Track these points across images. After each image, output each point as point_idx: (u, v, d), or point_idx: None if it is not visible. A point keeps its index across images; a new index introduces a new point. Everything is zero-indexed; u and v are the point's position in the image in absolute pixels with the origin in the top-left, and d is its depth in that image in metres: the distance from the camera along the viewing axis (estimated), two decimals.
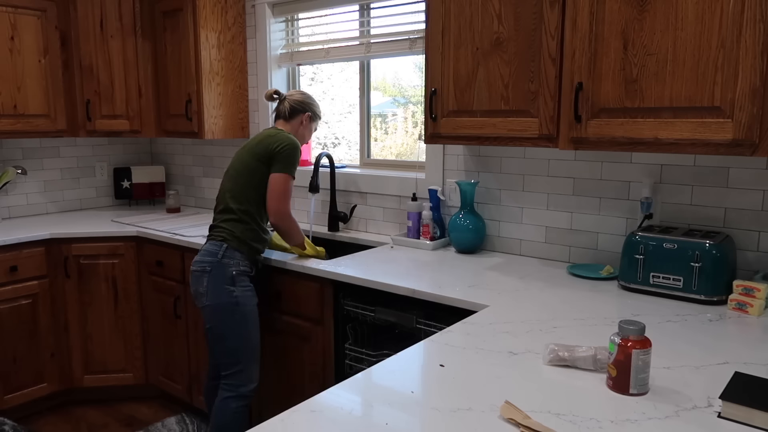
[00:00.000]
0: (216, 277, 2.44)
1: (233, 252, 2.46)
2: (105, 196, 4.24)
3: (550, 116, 2.12)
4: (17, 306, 3.19)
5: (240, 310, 2.45)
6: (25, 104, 3.44)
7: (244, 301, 2.46)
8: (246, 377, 2.48)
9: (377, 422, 1.24)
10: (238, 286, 2.45)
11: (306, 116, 2.71)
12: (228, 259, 2.45)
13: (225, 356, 2.48)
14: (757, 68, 1.68)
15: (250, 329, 2.48)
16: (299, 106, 2.70)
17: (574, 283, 2.26)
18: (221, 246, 2.46)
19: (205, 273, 2.45)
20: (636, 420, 1.23)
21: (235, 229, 2.49)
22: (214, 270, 2.44)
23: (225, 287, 2.43)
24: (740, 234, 2.14)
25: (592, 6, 1.95)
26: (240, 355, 2.47)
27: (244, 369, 2.47)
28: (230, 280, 2.44)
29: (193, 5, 3.38)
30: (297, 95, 2.74)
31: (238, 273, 2.46)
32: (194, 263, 2.50)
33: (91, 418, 3.38)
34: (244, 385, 2.47)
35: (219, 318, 2.44)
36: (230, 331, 2.45)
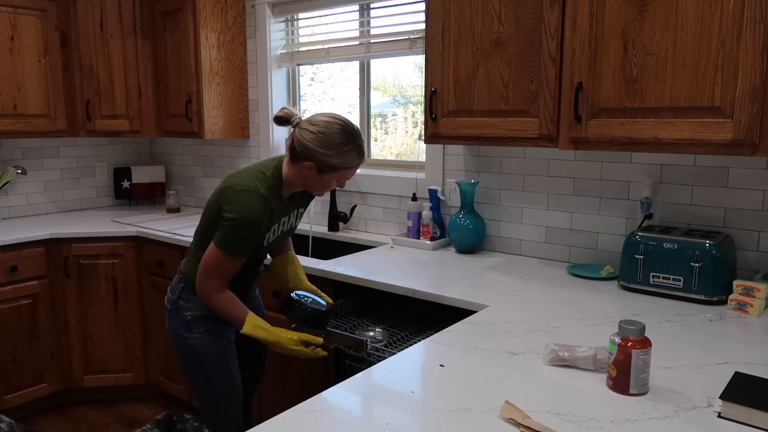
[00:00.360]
0: (172, 319, 2.13)
1: (189, 294, 2.07)
2: (105, 196, 4.24)
3: (550, 116, 2.12)
4: (17, 306, 3.19)
5: (197, 358, 2.08)
6: (25, 104, 3.44)
7: (200, 348, 2.06)
8: (221, 422, 2.16)
9: (377, 422, 1.24)
10: (194, 332, 2.06)
11: (307, 166, 1.89)
12: (184, 302, 2.08)
13: (198, 399, 2.22)
14: (757, 68, 1.68)
15: (213, 376, 2.10)
16: (302, 150, 1.87)
17: (574, 283, 2.26)
18: (179, 285, 2.11)
19: (167, 310, 2.17)
20: (636, 420, 1.23)
21: (190, 271, 2.06)
22: (172, 311, 2.13)
23: (180, 332, 2.09)
24: (740, 234, 2.14)
25: (592, 6, 1.95)
26: (207, 402, 2.16)
27: (218, 412, 2.15)
28: (185, 325, 2.07)
29: (193, 5, 3.38)
30: (307, 131, 1.87)
31: (194, 318, 2.06)
32: None
33: (91, 418, 3.38)
34: (222, 429, 2.16)
35: (180, 359, 2.17)
36: (192, 376, 2.16)
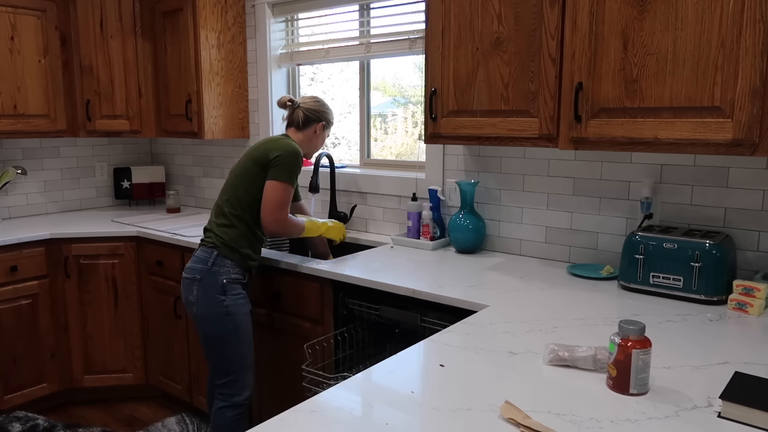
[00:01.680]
0: (206, 286, 2.37)
1: (223, 260, 2.39)
2: (105, 196, 4.24)
3: (550, 116, 2.12)
4: (17, 306, 3.19)
5: (231, 319, 2.38)
6: (25, 104, 3.44)
7: (235, 309, 2.39)
8: (239, 386, 2.43)
9: (377, 422, 1.24)
10: (228, 294, 2.38)
11: (320, 125, 2.63)
12: (218, 267, 2.38)
13: (217, 365, 2.44)
14: (757, 68, 1.68)
15: (242, 338, 2.41)
16: (314, 115, 2.61)
17: (574, 283, 2.26)
18: (212, 253, 2.40)
19: (195, 281, 2.39)
20: (636, 420, 1.23)
21: (226, 236, 2.41)
22: (205, 278, 2.38)
23: (215, 296, 2.37)
24: (740, 234, 2.14)
25: (592, 6, 1.95)
26: (232, 364, 2.41)
27: (237, 379, 2.42)
28: (221, 288, 2.37)
29: (192, 5, 3.38)
30: (311, 102, 2.64)
31: (229, 281, 2.39)
32: (185, 270, 2.45)
33: (91, 418, 3.38)
34: (238, 394, 2.43)
35: (209, 327, 2.39)
36: (221, 340, 2.39)
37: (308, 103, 2.62)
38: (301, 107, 2.61)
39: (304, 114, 2.60)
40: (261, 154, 2.43)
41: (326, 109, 2.67)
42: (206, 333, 2.41)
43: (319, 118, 2.62)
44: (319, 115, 2.62)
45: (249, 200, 2.44)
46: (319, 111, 2.62)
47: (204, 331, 2.42)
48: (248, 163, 2.46)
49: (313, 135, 2.63)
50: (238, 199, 2.45)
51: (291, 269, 2.57)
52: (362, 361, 2.49)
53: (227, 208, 2.45)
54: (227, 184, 2.51)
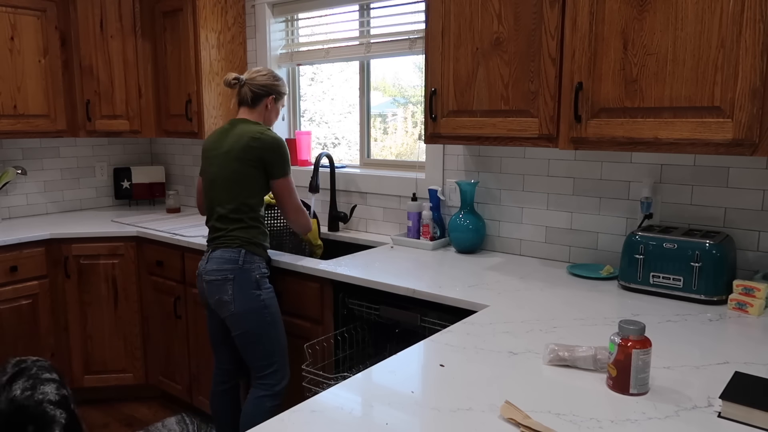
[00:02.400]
0: (241, 283, 2.39)
1: (252, 256, 2.43)
2: (105, 197, 4.24)
3: (550, 116, 2.12)
4: (17, 306, 3.19)
5: (269, 311, 2.44)
6: (25, 104, 3.44)
7: (270, 302, 2.45)
8: (281, 375, 2.48)
9: (377, 422, 1.24)
10: (263, 288, 2.43)
11: (270, 99, 2.54)
12: (249, 264, 2.41)
13: (260, 359, 2.45)
14: (757, 68, 1.68)
15: (279, 328, 2.48)
16: (262, 90, 2.51)
17: (574, 283, 2.26)
18: (240, 252, 2.41)
19: (228, 281, 2.39)
20: (636, 420, 1.23)
21: (249, 235, 2.44)
22: (238, 276, 2.39)
23: (252, 292, 2.40)
24: (740, 234, 2.14)
25: (592, 6, 1.95)
26: (275, 355, 2.46)
27: (279, 368, 2.48)
28: (255, 284, 2.41)
29: (192, 5, 3.38)
30: (258, 77, 2.52)
31: (261, 276, 2.44)
32: (209, 272, 2.42)
33: (91, 418, 3.38)
34: (279, 382, 2.47)
35: (250, 323, 2.41)
36: (263, 333, 2.43)
37: (255, 78, 2.52)
38: (248, 84, 2.52)
39: (251, 91, 2.51)
40: (255, 157, 2.42)
41: (275, 81, 2.56)
42: (247, 329, 2.42)
43: (268, 92, 2.53)
44: (267, 89, 2.53)
45: (255, 201, 2.48)
46: (266, 85, 2.53)
47: (244, 327, 2.42)
48: (239, 166, 2.43)
49: (265, 110, 2.56)
50: (248, 204, 2.46)
51: (291, 269, 2.57)
52: (362, 361, 2.49)
53: (236, 214, 2.45)
54: (225, 191, 2.47)
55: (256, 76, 2.53)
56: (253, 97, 2.52)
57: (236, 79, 2.52)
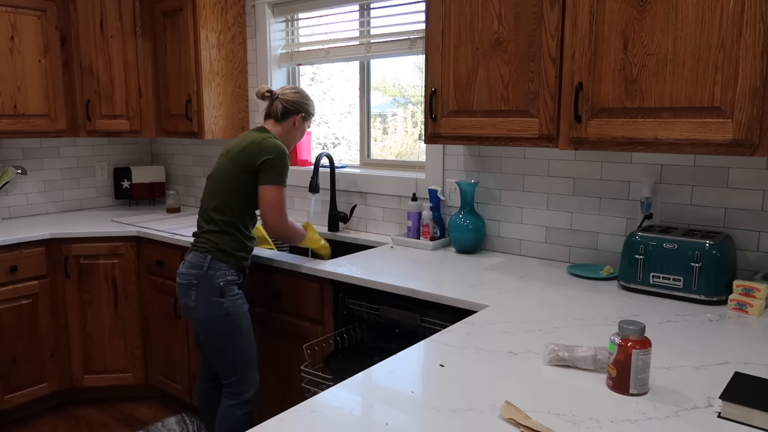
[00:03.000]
0: (204, 290, 2.37)
1: (218, 263, 2.38)
2: (105, 196, 4.24)
3: (550, 116, 2.12)
4: (17, 306, 3.19)
5: (232, 320, 2.39)
6: (25, 104, 3.44)
7: (234, 310, 2.40)
8: (246, 384, 2.45)
9: (377, 422, 1.24)
10: (227, 296, 2.38)
11: (299, 117, 2.57)
12: (214, 271, 2.37)
13: (223, 366, 2.45)
14: (757, 68, 1.68)
15: (244, 337, 2.43)
16: (293, 106, 2.55)
17: (574, 283, 2.26)
18: (205, 257, 2.38)
19: (192, 286, 2.39)
20: (636, 420, 1.23)
21: (219, 241, 2.40)
22: (201, 283, 2.37)
23: (214, 299, 2.37)
24: (740, 234, 2.14)
25: (592, 6, 1.95)
26: (237, 363, 2.43)
27: (243, 376, 2.45)
28: (218, 291, 2.37)
29: (193, 5, 3.38)
30: (290, 94, 2.57)
31: (226, 283, 2.39)
32: (180, 275, 2.44)
33: (91, 418, 3.38)
34: (246, 391, 2.45)
35: (211, 330, 2.40)
36: (224, 342, 2.41)
37: (287, 95, 2.56)
38: (280, 98, 2.55)
39: (282, 106, 2.54)
40: (247, 159, 2.40)
41: (306, 100, 2.60)
42: (208, 336, 2.42)
43: (299, 110, 2.56)
44: (298, 106, 2.56)
45: (240, 207, 2.44)
46: (298, 102, 2.56)
47: (206, 334, 2.42)
48: (236, 169, 2.42)
49: (292, 127, 2.58)
50: (228, 205, 2.43)
51: (290, 269, 2.57)
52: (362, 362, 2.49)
53: (216, 215, 2.43)
54: (213, 189, 2.48)
55: (288, 92, 2.57)
56: (283, 112, 2.54)
57: (269, 92, 2.56)
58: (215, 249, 2.40)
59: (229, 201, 2.42)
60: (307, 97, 2.63)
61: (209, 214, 2.45)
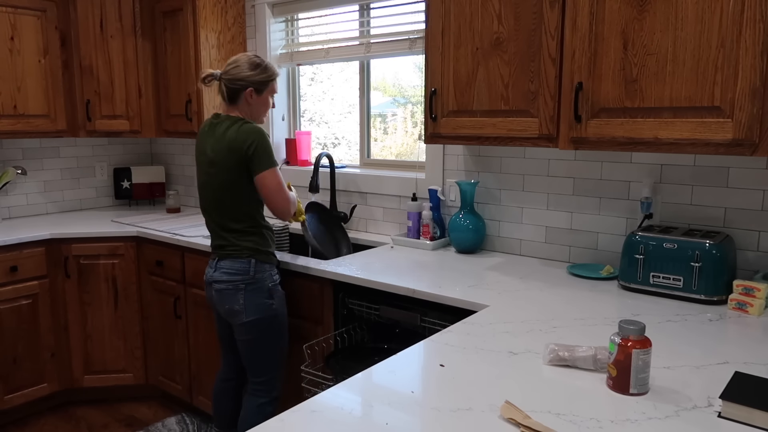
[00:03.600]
0: (254, 293, 2.36)
1: (263, 265, 2.37)
2: (105, 197, 4.24)
3: (550, 116, 2.12)
4: (17, 306, 3.18)
5: (279, 320, 2.43)
6: (25, 104, 3.44)
7: (281, 311, 2.44)
8: (278, 381, 2.49)
9: (377, 422, 1.24)
10: (275, 297, 2.41)
11: (249, 92, 2.31)
12: (261, 273, 2.36)
13: (260, 365, 2.45)
14: (757, 68, 1.68)
15: (285, 338, 2.47)
16: (236, 84, 2.29)
17: (574, 283, 2.26)
18: (250, 262, 2.35)
19: (240, 290, 2.35)
20: (636, 420, 1.23)
21: (255, 244, 2.37)
22: (250, 286, 2.35)
23: (264, 301, 2.37)
24: (740, 234, 2.14)
25: (592, 6, 1.95)
26: (275, 363, 2.46)
27: (277, 375, 2.48)
28: (268, 293, 2.38)
29: (192, 5, 3.37)
30: (232, 69, 2.30)
31: (274, 284, 2.41)
32: (219, 282, 2.37)
33: (91, 419, 3.38)
34: (276, 388, 2.48)
35: (258, 331, 2.39)
36: (269, 343, 2.42)
37: (228, 72, 2.31)
38: (223, 78, 2.32)
39: (226, 86, 2.31)
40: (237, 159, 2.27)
41: (250, 69, 2.31)
42: (254, 336, 2.40)
43: (245, 84, 2.30)
44: (243, 81, 2.29)
45: (250, 207, 2.38)
46: (242, 77, 2.29)
47: (252, 334, 2.40)
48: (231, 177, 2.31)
49: (248, 105, 2.34)
50: (242, 211, 2.37)
51: (291, 269, 2.57)
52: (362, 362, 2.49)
53: (235, 224, 2.36)
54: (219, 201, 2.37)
55: (230, 69, 2.31)
56: (229, 94, 2.32)
57: (210, 75, 2.35)
58: (257, 252, 2.37)
59: (240, 207, 2.36)
60: (255, 63, 2.33)
61: (228, 224, 2.38)
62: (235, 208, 2.36)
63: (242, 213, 2.37)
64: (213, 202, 2.41)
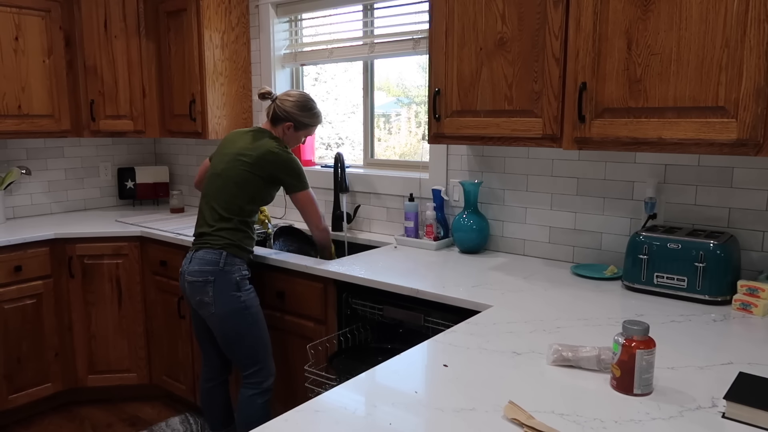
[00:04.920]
0: (221, 285, 2.43)
1: (233, 258, 2.46)
2: (109, 197, 4.25)
3: (554, 116, 2.11)
4: (22, 306, 3.19)
5: (250, 312, 2.47)
6: (30, 104, 3.45)
7: (250, 303, 2.48)
8: (266, 373, 2.53)
9: (381, 422, 1.24)
10: (243, 290, 2.47)
11: (287, 126, 2.58)
12: (230, 266, 2.45)
13: (243, 358, 2.50)
14: (762, 68, 1.67)
15: (261, 328, 2.51)
16: (283, 114, 2.56)
17: (578, 283, 2.26)
18: (220, 254, 2.44)
19: (209, 283, 2.43)
20: (640, 420, 1.23)
21: (234, 237, 2.48)
22: (218, 278, 2.43)
23: (231, 294, 2.44)
24: (744, 234, 2.14)
25: (595, 6, 1.94)
26: (257, 354, 2.51)
27: (263, 366, 2.52)
28: (235, 286, 2.45)
29: (196, 5, 3.38)
30: (287, 101, 2.56)
31: (242, 278, 2.47)
32: (191, 273, 2.46)
33: (95, 418, 3.38)
34: (266, 380, 2.52)
35: (230, 324, 2.45)
36: (244, 334, 2.47)
37: (284, 102, 2.57)
38: (276, 103, 2.57)
39: (274, 111, 2.57)
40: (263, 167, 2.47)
41: (301, 110, 2.58)
42: (227, 330, 2.47)
43: (288, 119, 2.56)
44: (288, 115, 2.56)
45: (251, 208, 2.54)
46: (290, 112, 2.56)
47: (224, 328, 2.46)
48: (251, 175, 2.48)
49: (283, 134, 2.60)
50: (240, 206, 2.50)
51: (294, 269, 2.58)
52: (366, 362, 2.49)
53: (228, 213, 2.49)
54: (223, 189, 2.50)
55: (286, 98, 2.58)
56: (273, 117, 2.59)
57: (269, 93, 2.59)
58: (231, 245, 2.47)
59: (242, 203, 2.50)
60: (305, 106, 2.60)
61: (220, 213, 2.49)
62: (234, 201, 2.49)
63: (237, 207, 2.49)
64: (219, 189, 2.52)
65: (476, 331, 1.75)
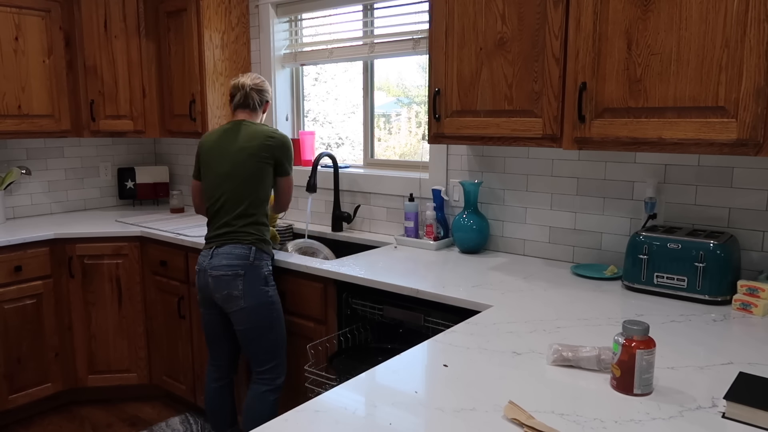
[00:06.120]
0: (252, 279, 2.45)
1: (262, 254, 2.50)
2: (109, 197, 4.25)
3: (554, 116, 2.11)
4: (22, 306, 3.19)
5: (275, 308, 2.52)
6: (30, 104, 3.45)
7: (276, 299, 2.53)
8: (281, 369, 2.57)
9: (381, 422, 1.24)
10: (269, 285, 2.51)
11: (267, 105, 2.72)
12: (259, 261, 2.48)
13: (263, 353, 2.52)
14: (762, 68, 1.67)
15: (282, 324, 2.56)
16: (266, 96, 2.68)
17: (578, 283, 2.26)
18: (250, 249, 2.47)
19: (239, 276, 2.44)
20: (640, 420, 1.23)
21: (260, 233, 2.52)
22: (248, 273, 2.45)
23: (261, 288, 2.47)
24: (744, 234, 2.14)
25: (595, 6, 1.94)
26: (278, 349, 2.55)
27: (280, 362, 2.56)
28: (264, 280, 2.49)
29: (196, 5, 3.38)
30: (262, 84, 2.67)
31: (269, 273, 2.52)
32: (216, 268, 2.45)
33: (95, 418, 3.38)
34: (280, 376, 2.56)
35: (258, 318, 2.48)
36: (270, 328, 2.50)
37: (259, 85, 2.65)
38: (254, 89, 2.64)
39: (258, 96, 2.64)
40: (270, 153, 2.52)
41: (269, 86, 2.73)
42: (254, 324, 2.49)
43: (268, 99, 2.70)
44: (268, 94, 2.69)
45: (265, 197, 2.58)
46: (267, 91, 2.69)
47: (252, 322, 2.48)
48: (261, 165, 2.51)
49: (263, 114, 2.72)
50: (260, 200, 2.54)
51: (294, 269, 2.58)
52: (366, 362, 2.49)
53: (251, 209, 2.52)
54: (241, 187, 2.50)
55: (259, 82, 2.66)
56: (260, 101, 2.66)
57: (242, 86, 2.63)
58: (258, 240, 2.51)
59: (261, 196, 2.54)
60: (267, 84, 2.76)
61: (243, 210, 2.50)
62: (258, 194, 2.53)
63: (260, 201, 2.54)
64: (236, 192, 2.51)
65: (476, 331, 1.75)
